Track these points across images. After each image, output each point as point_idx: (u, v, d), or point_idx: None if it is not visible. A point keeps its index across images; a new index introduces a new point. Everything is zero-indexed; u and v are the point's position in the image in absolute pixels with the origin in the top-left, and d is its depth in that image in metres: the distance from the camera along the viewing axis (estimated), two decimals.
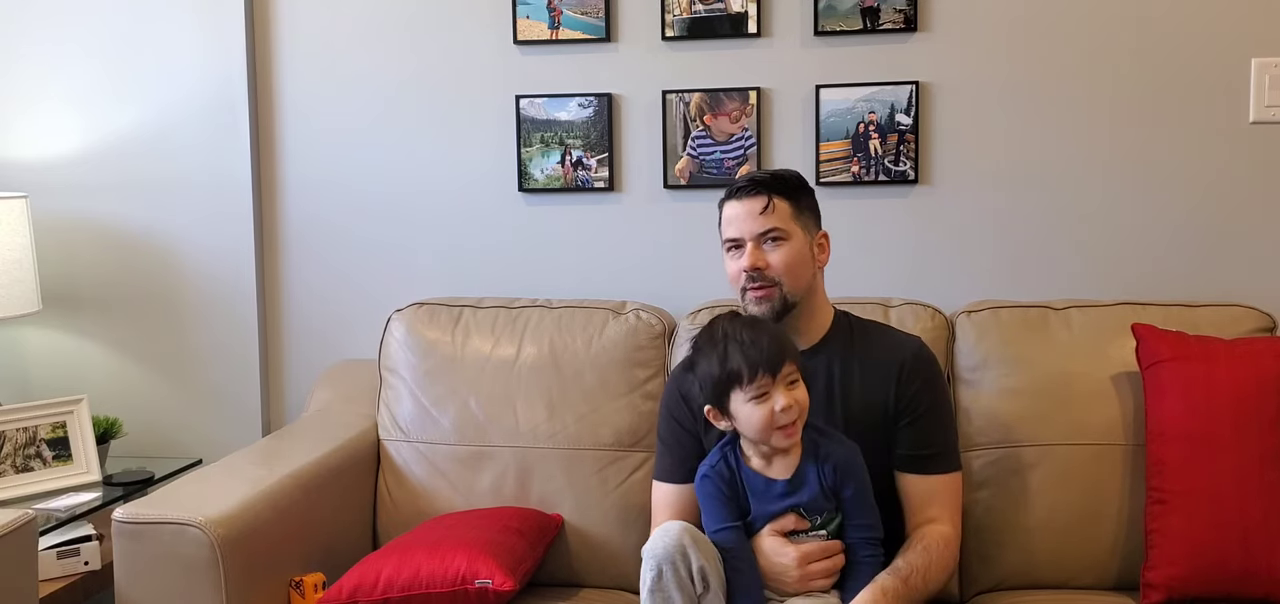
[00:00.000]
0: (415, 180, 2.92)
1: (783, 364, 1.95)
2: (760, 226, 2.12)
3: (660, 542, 1.93)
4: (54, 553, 2.45)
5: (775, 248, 2.12)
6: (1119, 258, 2.69)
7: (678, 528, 1.94)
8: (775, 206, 2.12)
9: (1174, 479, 2.20)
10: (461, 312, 2.69)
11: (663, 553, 1.91)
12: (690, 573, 1.91)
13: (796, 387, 1.96)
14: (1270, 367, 2.22)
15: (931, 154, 2.73)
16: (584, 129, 2.83)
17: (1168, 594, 2.18)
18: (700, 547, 1.94)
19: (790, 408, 1.94)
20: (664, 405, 2.29)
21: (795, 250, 2.13)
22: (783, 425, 1.95)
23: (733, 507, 2.01)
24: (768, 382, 1.94)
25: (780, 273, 2.11)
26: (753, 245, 2.12)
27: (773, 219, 2.12)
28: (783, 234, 2.12)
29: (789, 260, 2.12)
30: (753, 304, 2.13)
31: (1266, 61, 2.61)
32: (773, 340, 1.96)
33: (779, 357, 1.95)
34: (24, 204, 2.83)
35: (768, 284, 2.11)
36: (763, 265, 2.11)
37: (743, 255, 2.13)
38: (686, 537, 1.93)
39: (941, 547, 2.10)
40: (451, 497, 2.55)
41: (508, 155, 2.87)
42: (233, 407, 3.00)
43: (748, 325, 2.01)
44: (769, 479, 2.00)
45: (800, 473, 2.00)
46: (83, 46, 2.98)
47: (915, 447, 2.13)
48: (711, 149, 2.79)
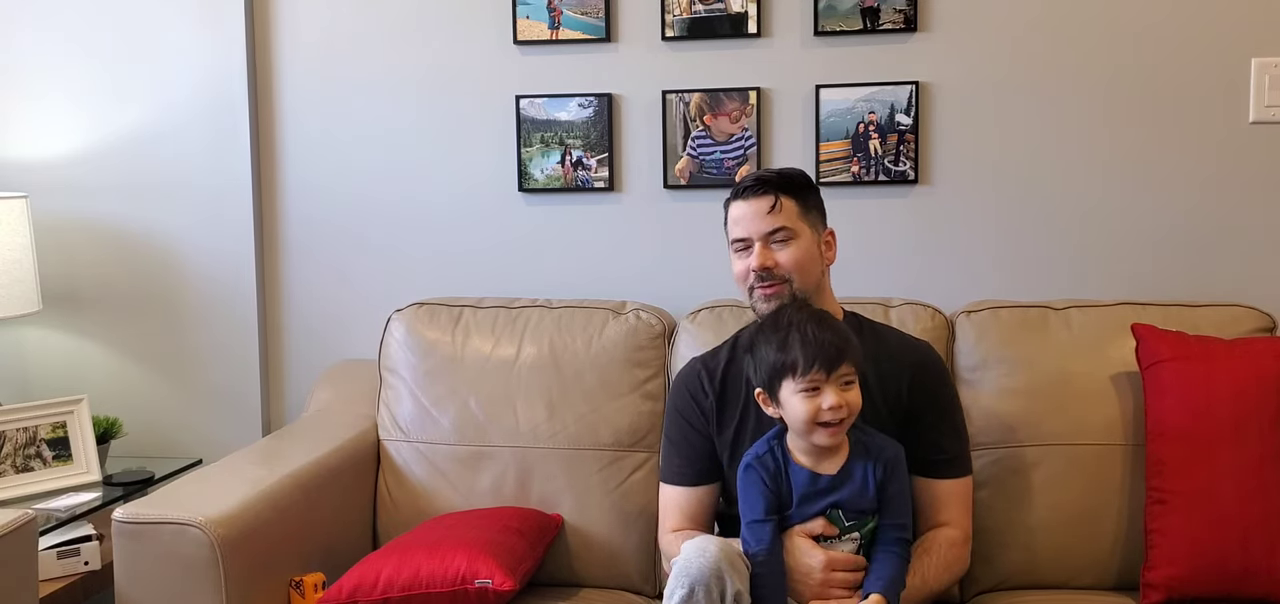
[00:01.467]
0: (415, 180, 2.92)
1: (840, 362, 1.92)
2: (768, 226, 2.11)
3: (697, 561, 1.86)
4: (54, 553, 2.45)
5: (783, 247, 2.12)
6: (1119, 258, 2.69)
7: (716, 549, 1.87)
8: (782, 205, 2.11)
9: (1174, 479, 2.20)
10: (461, 312, 2.69)
11: (698, 574, 1.84)
12: (722, 596, 1.85)
13: (851, 388, 1.93)
14: (1270, 366, 2.22)
15: (931, 154, 2.73)
16: (584, 129, 2.83)
17: (1168, 594, 2.18)
18: (737, 571, 1.87)
19: (839, 408, 1.91)
20: (672, 405, 2.28)
21: (803, 248, 2.12)
22: (827, 423, 1.92)
23: (773, 500, 1.97)
24: (820, 377, 1.92)
25: (789, 271, 2.11)
26: (761, 245, 2.12)
27: (780, 218, 2.11)
28: (791, 232, 2.12)
29: (798, 258, 2.11)
30: (761, 302, 2.12)
31: (1266, 61, 2.61)
32: (835, 337, 1.93)
33: (838, 355, 1.92)
34: (24, 204, 2.83)
35: (777, 282, 2.11)
36: (771, 264, 2.11)
37: (751, 255, 2.12)
38: (724, 561, 1.86)
39: (947, 550, 2.11)
40: (451, 497, 2.55)
41: (508, 155, 2.87)
42: (233, 407, 3.00)
43: (814, 317, 1.97)
44: (815, 474, 1.97)
45: (847, 469, 1.98)
46: (83, 46, 2.98)
47: (928, 450, 2.13)
48: (711, 149, 2.79)
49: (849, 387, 1.94)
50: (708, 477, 2.20)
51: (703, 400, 2.21)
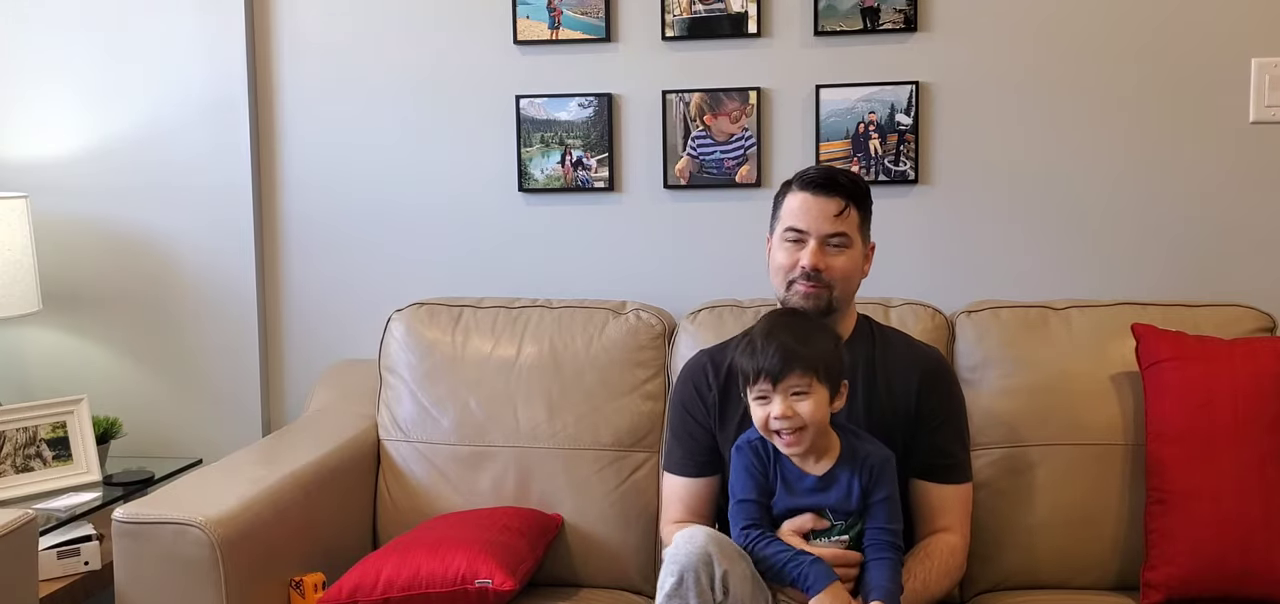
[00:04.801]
0: (415, 180, 2.92)
1: (786, 374, 1.92)
2: (831, 227, 2.09)
3: (685, 548, 1.87)
4: (54, 553, 2.45)
5: (839, 252, 2.10)
6: (1119, 258, 2.69)
7: (703, 535, 1.89)
8: (850, 213, 2.10)
9: (1174, 479, 2.20)
10: (461, 311, 2.69)
11: (686, 560, 1.85)
12: (711, 581, 1.86)
13: (802, 399, 1.93)
14: (1270, 366, 2.22)
15: (931, 154, 2.73)
16: (584, 129, 2.83)
17: (1168, 594, 2.18)
18: (724, 553, 1.89)
19: (786, 417, 1.92)
20: (676, 397, 2.28)
21: (853, 259, 2.12)
22: (776, 431, 1.95)
23: (762, 483, 2.00)
24: (768, 386, 1.94)
25: (837, 277, 2.10)
26: (817, 244, 2.09)
27: (843, 223, 2.09)
28: (848, 241, 2.10)
29: (847, 268, 2.11)
30: (798, 297, 2.10)
31: (1266, 61, 2.61)
32: (781, 349, 1.93)
33: (783, 366, 1.92)
34: (24, 204, 2.83)
35: (822, 285, 2.09)
36: (824, 267, 2.08)
37: (804, 250, 2.09)
38: (712, 545, 1.87)
39: (947, 556, 2.11)
40: (451, 497, 2.55)
41: (508, 155, 2.87)
42: (233, 407, 3.00)
43: (769, 329, 1.97)
44: (802, 471, 1.99)
45: (832, 474, 1.99)
46: (83, 46, 2.98)
47: (932, 456, 2.13)
48: (711, 149, 2.79)
49: (799, 397, 1.93)
50: (709, 469, 2.21)
51: (707, 394, 2.21)
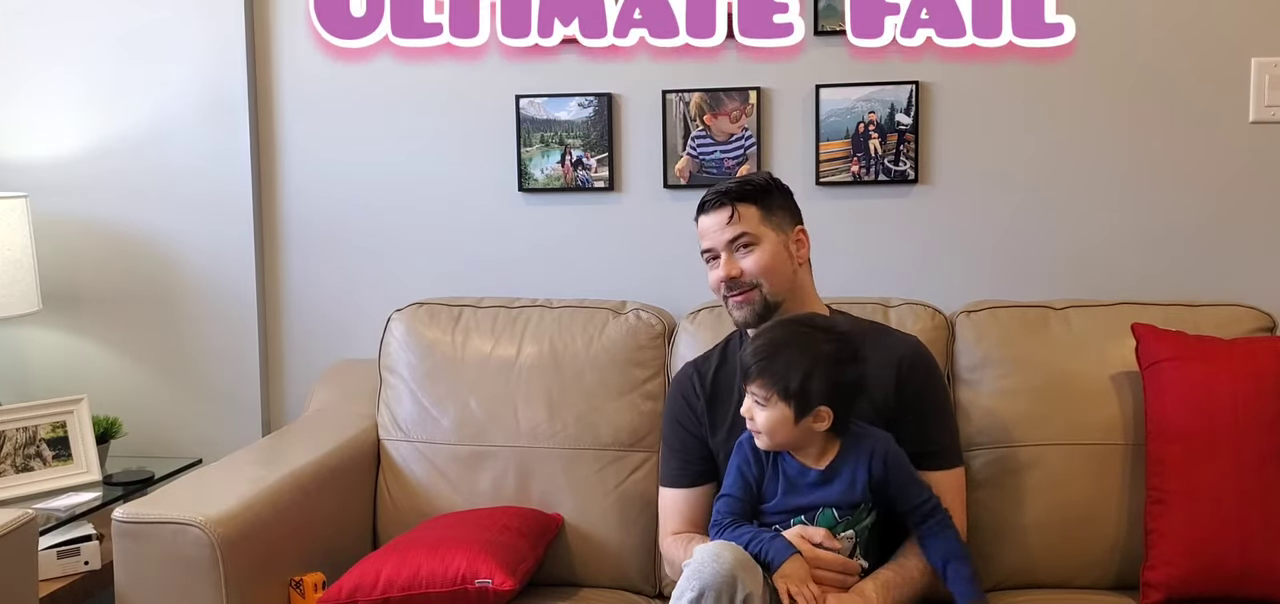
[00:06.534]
0: (415, 180, 2.92)
1: (750, 379, 1.99)
2: (728, 235, 2.16)
3: (711, 567, 1.84)
4: (54, 553, 2.45)
5: (747, 254, 2.15)
6: (1119, 258, 2.69)
7: (731, 556, 1.87)
8: (739, 214, 2.15)
9: (1174, 479, 2.20)
10: (461, 311, 2.69)
11: (711, 579, 1.83)
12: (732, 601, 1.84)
13: (761, 408, 1.98)
14: (1270, 366, 2.22)
15: (931, 154, 2.73)
16: (584, 129, 2.83)
17: (1167, 594, 2.18)
18: (751, 575, 1.87)
19: (747, 416, 2.00)
20: (667, 409, 2.32)
21: (769, 252, 2.15)
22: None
23: (748, 482, 2.02)
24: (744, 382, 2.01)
25: (757, 275, 2.15)
26: (726, 255, 2.16)
27: (739, 226, 2.15)
28: (752, 238, 2.15)
29: (763, 263, 2.15)
30: (735, 310, 2.18)
31: (1266, 61, 2.61)
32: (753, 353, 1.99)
33: (747, 371, 1.99)
34: (24, 204, 2.83)
35: (746, 289, 2.15)
36: (737, 273, 2.15)
37: (720, 266, 2.17)
38: (739, 568, 1.86)
39: None
40: (451, 497, 2.55)
41: (508, 155, 2.87)
42: (233, 407, 3.00)
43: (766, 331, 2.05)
44: (804, 467, 2.01)
45: (834, 467, 2.00)
46: (83, 46, 2.98)
47: (917, 444, 2.13)
48: (711, 149, 2.79)
49: (759, 406, 1.98)
50: (703, 477, 2.23)
51: (695, 402, 2.25)
